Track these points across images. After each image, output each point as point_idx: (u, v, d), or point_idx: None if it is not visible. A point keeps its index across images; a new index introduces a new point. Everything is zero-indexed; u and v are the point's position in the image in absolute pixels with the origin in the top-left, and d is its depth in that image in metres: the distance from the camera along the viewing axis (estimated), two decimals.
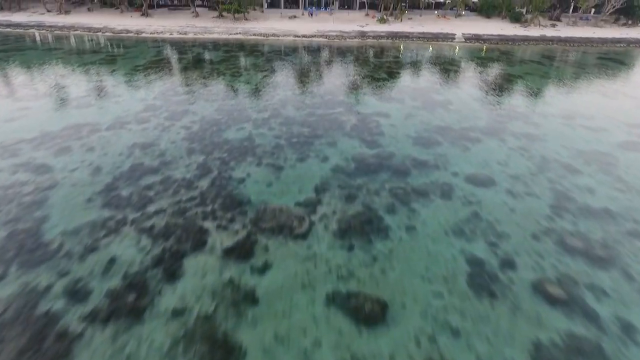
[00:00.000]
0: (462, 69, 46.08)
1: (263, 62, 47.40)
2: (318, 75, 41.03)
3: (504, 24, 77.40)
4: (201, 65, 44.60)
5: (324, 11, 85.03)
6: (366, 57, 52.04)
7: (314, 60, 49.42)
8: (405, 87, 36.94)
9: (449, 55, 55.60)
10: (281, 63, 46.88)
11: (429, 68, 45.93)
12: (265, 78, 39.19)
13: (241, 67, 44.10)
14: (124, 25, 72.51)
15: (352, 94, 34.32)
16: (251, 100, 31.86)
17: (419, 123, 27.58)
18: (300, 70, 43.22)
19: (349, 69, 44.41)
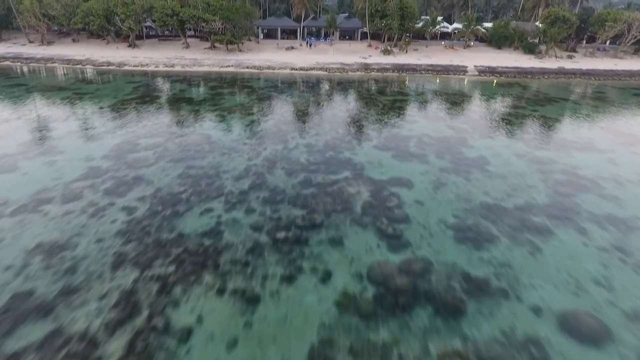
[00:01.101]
0: (486, 110, 38.76)
1: (253, 101, 40.18)
2: (317, 120, 33.60)
3: (517, 55, 71.19)
4: (178, 105, 37.29)
5: (323, 42, 79.22)
6: (372, 95, 44.94)
7: (313, 98, 42.24)
8: (425, 137, 29.37)
9: (465, 92, 48.58)
10: (274, 102, 39.63)
11: (446, 108, 38.62)
12: (253, 124, 31.72)
13: (226, 108, 36.78)
14: (107, 57, 66.22)
15: (360, 148, 26.68)
16: (229, 160, 24.16)
17: (456, 198, 19.72)
18: (295, 113, 35.86)
19: (353, 111, 37.08)
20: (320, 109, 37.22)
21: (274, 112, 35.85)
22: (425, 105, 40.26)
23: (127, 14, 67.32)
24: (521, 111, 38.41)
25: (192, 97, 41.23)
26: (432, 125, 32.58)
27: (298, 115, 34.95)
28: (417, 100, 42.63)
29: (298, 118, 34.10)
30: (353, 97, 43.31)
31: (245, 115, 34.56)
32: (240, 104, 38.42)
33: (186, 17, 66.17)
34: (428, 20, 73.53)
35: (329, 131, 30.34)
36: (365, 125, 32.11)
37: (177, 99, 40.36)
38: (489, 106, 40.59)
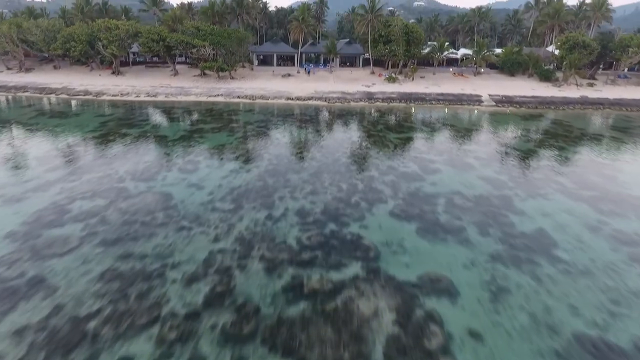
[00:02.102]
0: (521, 152, 31.61)
1: (238, 140, 33.17)
2: (314, 169, 26.40)
3: (533, 83, 65.05)
4: (145, 147, 30.18)
5: (322, 69, 73.34)
6: (379, 131, 37.98)
7: (309, 137, 35.24)
8: (456, 196, 22.06)
9: (485, 126, 41.68)
10: (263, 143, 32.58)
11: (471, 150, 31.51)
12: (231, 177, 24.45)
13: (202, 151, 29.66)
14: (87, 85, 59.93)
15: (371, 217, 19.29)
16: (187, 241, 16.70)
17: (532, 326, 12.14)
18: (287, 158, 28.68)
19: (358, 154, 29.97)
20: (317, 152, 30.07)
21: (261, 156, 28.68)
22: (444, 145, 33.17)
23: (110, 40, 61.56)
24: (564, 153, 31.26)
25: (166, 135, 34.21)
26: (460, 177, 25.29)
27: (290, 162, 27.74)
28: (432, 138, 35.58)
29: (290, 166, 26.87)
30: (357, 135, 36.30)
31: (224, 161, 27.36)
32: (221, 145, 31.32)
33: (173, 43, 60.30)
34: (435, 46, 67.79)
35: (329, 186, 23.02)
36: (374, 178, 24.81)
37: (146, 137, 33.32)
38: (522, 146, 33.47)
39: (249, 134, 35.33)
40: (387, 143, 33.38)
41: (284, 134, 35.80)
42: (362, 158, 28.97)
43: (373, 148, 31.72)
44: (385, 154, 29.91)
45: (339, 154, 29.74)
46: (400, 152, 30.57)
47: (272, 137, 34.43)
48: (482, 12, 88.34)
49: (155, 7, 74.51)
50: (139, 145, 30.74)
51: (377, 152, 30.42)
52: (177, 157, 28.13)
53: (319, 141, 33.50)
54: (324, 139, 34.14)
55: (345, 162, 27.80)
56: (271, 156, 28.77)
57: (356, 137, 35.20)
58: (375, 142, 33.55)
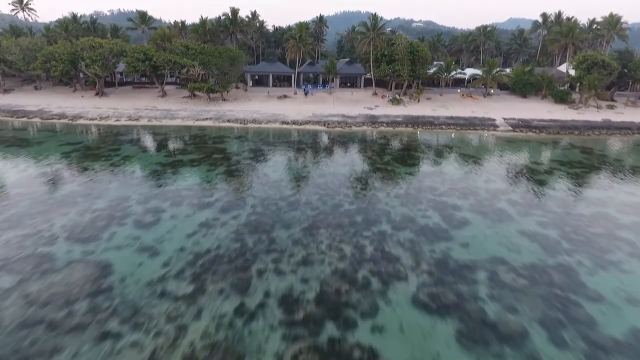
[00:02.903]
0: (563, 193, 25.78)
1: (219, 178, 27.42)
2: (306, 224, 20.57)
3: (548, 105, 59.91)
4: (100, 189, 24.37)
5: (321, 89, 68.40)
6: (385, 162, 32.32)
7: (303, 172, 29.53)
8: (498, 265, 16.19)
9: (507, 156, 36.01)
10: (246, 182, 26.81)
11: (500, 191, 25.69)
12: (195, 238, 18.55)
13: (170, 195, 23.84)
14: (65, 107, 54.69)
15: (388, 308, 13.35)
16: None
17: None
18: (272, 208, 22.81)
19: (362, 199, 24.15)
20: (314, 194, 24.24)
21: (243, 201, 22.86)
22: (466, 182, 27.35)
23: (93, 59, 56.72)
24: (616, 194, 25.38)
25: (133, 170, 28.50)
26: (497, 232, 19.38)
27: (279, 210, 21.88)
28: (450, 172, 29.82)
29: (279, 216, 21.01)
30: (360, 168, 30.57)
31: (196, 209, 21.49)
32: (197, 184, 25.53)
33: (160, 62, 55.37)
34: (441, 66, 62.96)
35: (328, 251, 17.10)
36: (387, 235, 18.91)
37: (109, 173, 27.57)
38: (560, 184, 27.65)
39: (233, 169, 29.61)
40: (397, 180, 27.60)
41: (274, 168, 30.06)
42: (369, 203, 23.11)
43: (381, 188, 25.90)
44: (397, 197, 24.07)
45: (340, 196, 23.92)
46: (415, 194, 24.73)
47: (260, 173, 28.68)
48: (488, 31, 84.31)
49: (144, 25, 70.20)
50: (95, 186, 24.92)
51: (387, 194, 24.58)
52: (137, 202, 22.28)
53: (316, 178, 27.72)
54: (322, 175, 28.36)
55: (348, 209, 21.93)
56: (256, 201, 22.92)
57: (360, 172, 29.45)
58: (384, 179, 27.77)
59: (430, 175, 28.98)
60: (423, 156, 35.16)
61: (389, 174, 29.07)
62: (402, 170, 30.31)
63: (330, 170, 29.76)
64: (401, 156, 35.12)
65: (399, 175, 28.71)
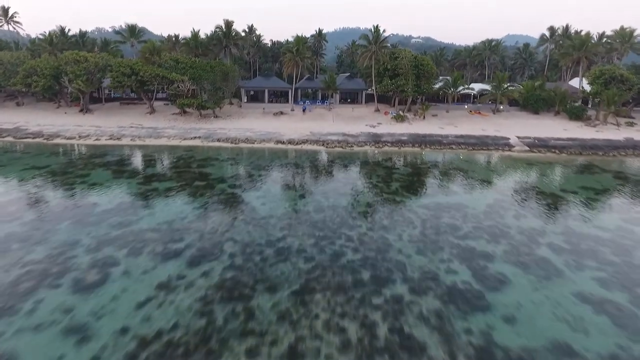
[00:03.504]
0: (608, 232, 21.05)
1: (196, 214, 22.75)
2: (295, 300, 15.89)
3: (562, 122, 55.70)
4: (50, 229, 19.66)
5: (320, 105, 64.33)
6: (393, 191, 27.70)
7: (298, 205, 24.87)
8: (560, 355, 11.38)
9: (530, 181, 31.39)
10: (231, 219, 22.10)
11: (536, 230, 21.00)
12: (154, 304, 13.82)
13: (133, 235, 19.16)
14: (44, 125, 50.40)
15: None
16: None
17: None
18: (260, 255, 18.12)
19: (370, 248, 19.44)
20: (308, 238, 19.52)
21: (220, 250, 18.13)
22: (493, 219, 22.64)
23: (77, 73, 52.72)
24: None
25: (96, 203, 23.82)
26: (549, 298, 14.61)
27: (263, 265, 17.13)
28: (469, 203, 25.11)
29: (262, 274, 16.26)
30: (364, 200, 25.91)
31: (157, 262, 16.74)
32: (166, 224, 20.80)
33: (147, 77, 51.32)
34: (448, 81, 58.98)
35: (325, 336, 12.34)
36: (404, 310, 14.13)
37: (64, 207, 22.90)
38: (603, 221, 22.91)
39: (215, 201, 24.93)
40: (409, 215, 22.90)
41: (264, 200, 25.38)
42: (378, 250, 18.38)
43: (391, 227, 21.17)
44: (411, 241, 19.35)
45: (341, 240, 19.23)
46: (434, 236, 20.02)
47: (246, 207, 24.00)
48: (493, 45, 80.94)
49: (134, 38, 66.61)
50: (41, 226, 20.23)
51: (399, 236, 19.87)
52: (86, 250, 17.55)
53: (312, 214, 23.03)
54: (319, 209, 23.68)
55: (352, 260, 17.21)
56: (236, 247, 18.21)
57: (364, 205, 24.78)
58: (393, 215, 23.06)
59: (447, 208, 24.28)
60: (435, 183, 30.53)
61: (398, 207, 24.38)
62: (414, 201, 25.63)
63: (329, 202, 25.08)
64: (411, 183, 30.50)
65: (411, 209, 24.01)
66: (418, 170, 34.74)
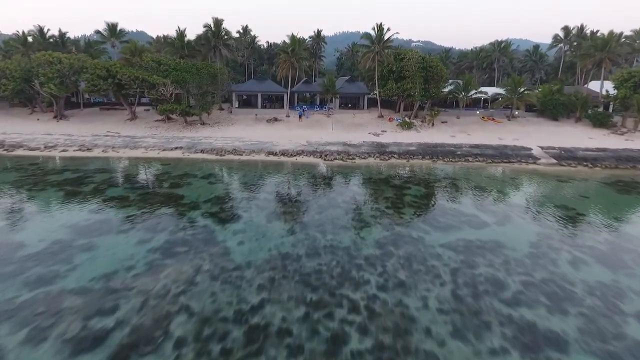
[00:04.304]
0: None
1: (150, 258, 16.86)
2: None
3: (585, 129, 49.91)
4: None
5: (318, 111, 58.53)
6: (408, 222, 21.87)
7: (286, 247, 18.97)
8: None
9: (568, 204, 25.46)
10: (192, 268, 16.15)
11: (604, 288, 15.19)
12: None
13: (42, 305, 13.30)
14: (10, 134, 44.52)
15: None
16: None
17: None
18: (236, 321, 12.20)
19: (386, 332, 13.54)
20: (293, 313, 13.64)
21: (157, 336, 12.22)
22: (543, 267, 16.76)
23: (49, 76, 46.97)
24: None
25: (21, 245, 17.93)
26: None
27: (236, 346, 11.23)
28: (508, 243, 19.23)
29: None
30: (371, 235, 20.00)
31: (82, 348, 10.83)
32: (95, 285, 14.89)
33: (125, 80, 45.55)
34: (459, 84, 53.18)
35: None
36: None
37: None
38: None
39: (177, 241, 19.03)
40: (433, 265, 16.98)
41: (241, 238, 19.48)
42: (396, 333, 12.50)
43: (411, 287, 15.25)
44: (442, 310, 13.47)
45: (342, 311, 13.36)
46: (471, 300, 14.15)
47: (216, 252, 18.07)
48: (503, 46, 75.27)
49: (115, 38, 60.88)
50: None
51: (422, 302, 13.99)
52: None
53: (302, 260, 17.15)
54: (312, 254, 17.80)
55: (357, 354, 11.27)
56: (186, 333, 12.30)
57: (371, 246, 18.87)
58: (411, 263, 17.14)
59: (480, 249, 18.38)
60: (457, 209, 24.60)
61: (417, 248, 18.48)
62: (436, 238, 19.71)
63: (326, 239, 19.19)
64: (427, 208, 24.62)
65: (433, 251, 18.11)
66: (433, 189, 28.84)
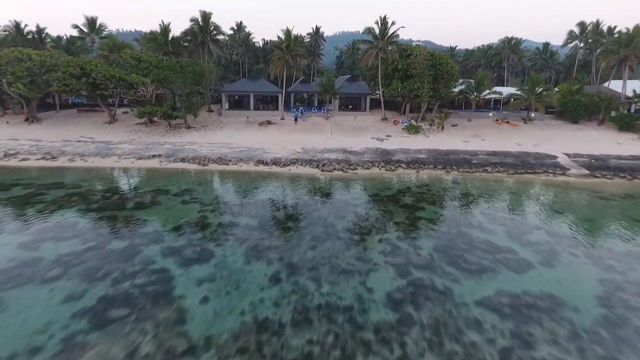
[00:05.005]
0: None
1: (78, 325, 11.64)
2: None
3: (611, 133, 44.66)
4: None
5: (316, 113, 53.25)
6: (428, 260, 16.65)
7: (267, 306, 13.79)
8: None
9: (627, 235, 20.29)
10: (124, 352, 10.95)
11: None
12: None
13: None
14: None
15: None
16: None
17: None
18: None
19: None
20: None
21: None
22: (630, 344, 11.55)
23: (17, 75, 41.71)
24: None
25: None
26: None
27: None
28: (561, 293, 14.07)
29: None
30: (382, 286, 14.79)
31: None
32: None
33: (101, 79, 40.29)
34: (470, 84, 47.88)
35: None
36: None
37: None
38: None
39: (118, 300, 13.84)
40: (474, 341, 11.77)
41: (205, 292, 14.28)
42: None
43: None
44: None
45: None
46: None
47: (167, 319, 12.85)
48: (513, 43, 69.96)
49: (94, 33, 55.57)
50: None
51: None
52: None
53: (286, 335, 11.93)
54: (301, 321, 12.62)
55: None
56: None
57: (385, 305, 13.72)
58: (442, 344, 11.95)
59: (535, 314, 13.16)
60: (488, 241, 19.32)
61: (447, 314, 13.24)
62: (469, 291, 14.44)
63: (320, 292, 13.99)
64: (451, 241, 19.34)
65: (470, 320, 12.88)
66: (452, 211, 23.58)
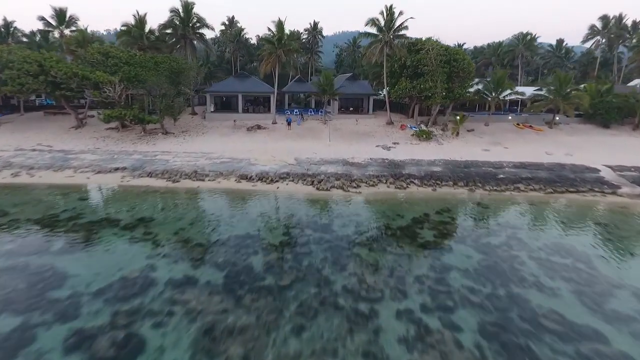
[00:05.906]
0: None
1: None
2: None
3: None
4: None
5: (313, 116, 46.95)
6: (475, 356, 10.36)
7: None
8: None
9: None
10: None
11: None
12: None
13: None
14: None
15: None
16: None
17: None
18: None
19: None
20: None
21: None
22: None
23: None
24: None
25: None
26: None
27: None
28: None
29: None
30: None
31: None
32: None
33: (61, 77, 34.03)
34: (488, 83, 41.57)
35: None
36: None
37: None
38: None
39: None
40: None
41: None
42: None
43: None
44: None
45: None
46: None
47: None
48: (528, 40, 63.67)
49: (64, 26, 49.30)
50: None
51: None
52: None
53: None
54: None
55: None
56: None
57: None
58: None
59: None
60: (560, 315, 13.12)
61: None
62: None
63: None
64: (504, 320, 13.10)
65: None
66: (492, 256, 17.22)
